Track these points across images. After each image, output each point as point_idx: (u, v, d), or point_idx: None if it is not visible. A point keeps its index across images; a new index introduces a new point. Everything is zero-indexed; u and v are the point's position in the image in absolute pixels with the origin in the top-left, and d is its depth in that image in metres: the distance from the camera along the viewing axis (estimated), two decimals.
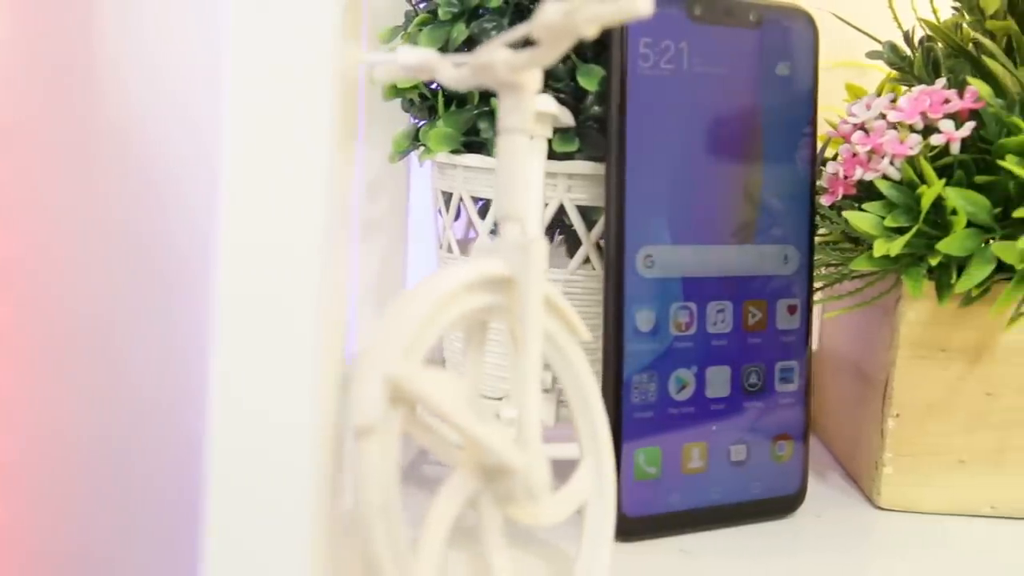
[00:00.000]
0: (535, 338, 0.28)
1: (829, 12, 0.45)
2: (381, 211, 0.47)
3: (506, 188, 0.29)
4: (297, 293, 0.21)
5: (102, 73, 0.56)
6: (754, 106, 0.38)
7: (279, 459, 0.21)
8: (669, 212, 0.37)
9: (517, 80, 0.28)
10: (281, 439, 0.21)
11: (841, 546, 0.38)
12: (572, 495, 0.30)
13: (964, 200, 0.37)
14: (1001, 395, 0.41)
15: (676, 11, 0.36)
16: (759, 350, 0.39)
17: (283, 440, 0.21)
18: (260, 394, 0.21)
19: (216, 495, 0.21)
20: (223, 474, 0.21)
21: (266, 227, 0.21)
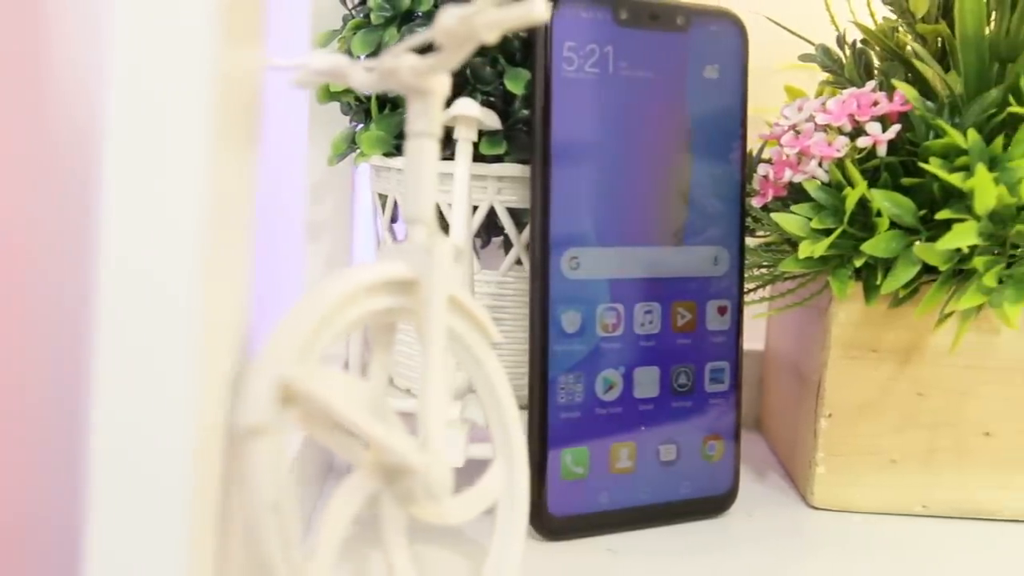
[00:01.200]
0: (438, 339, 0.28)
1: (763, 15, 0.45)
2: (326, 212, 0.48)
3: (413, 191, 0.29)
4: (173, 295, 0.22)
5: (61, 73, 0.56)
6: (681, 109, 0.38)
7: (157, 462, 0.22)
8: (595, 214, 0.37)
9: (423, 85, 0.29)
10: (158, 441, 0.22)
11: (768, 545, 0.39)
12: (482, 494, 0.30)
13: (889, 202, 0.38)
14: (931, 395, 0.41)
15: (601, 15, 0.37)
16: (689, 351, 0.39)
17: (160, 442, 0.22)
18: (137, 396, 0.22)
19: (96, 502, 0.22)
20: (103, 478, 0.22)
21: (142, 230, 0.22)
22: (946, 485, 0.41)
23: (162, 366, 0.22)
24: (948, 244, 0.35)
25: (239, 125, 0.25)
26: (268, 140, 0.51)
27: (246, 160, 0.26)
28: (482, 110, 0.36)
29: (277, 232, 0.52)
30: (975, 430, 0.41)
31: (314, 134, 0.47)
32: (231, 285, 0.25)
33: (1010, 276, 0.37)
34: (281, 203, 0.51)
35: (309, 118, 0.47)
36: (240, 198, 0.25)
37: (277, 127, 0.50)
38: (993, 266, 0.36)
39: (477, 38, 0.27)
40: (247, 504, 0.24)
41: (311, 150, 0.47)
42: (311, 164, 0.47)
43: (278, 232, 0.51)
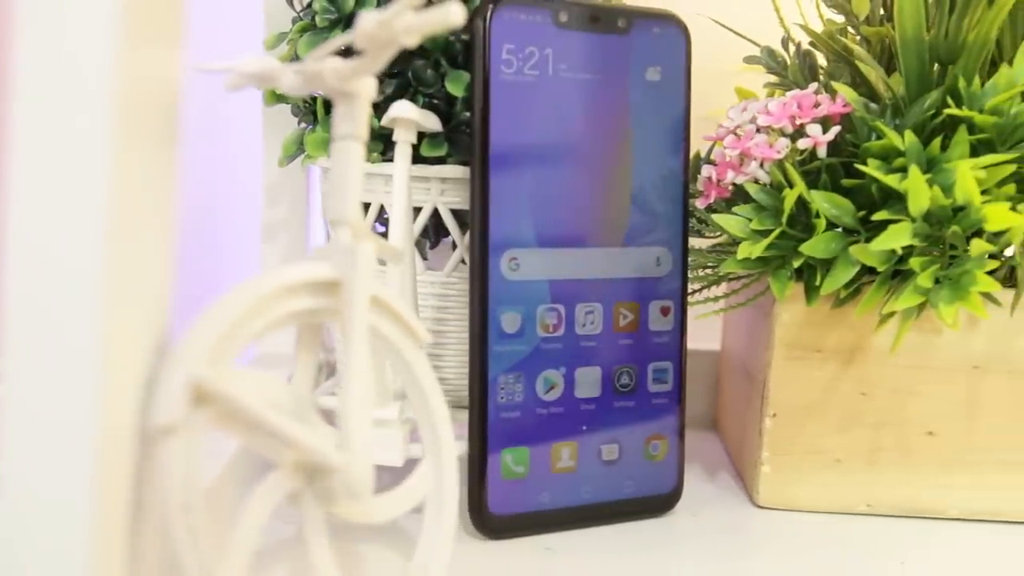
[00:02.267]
0: (359, 340, 0.28)
1: (709, 18, 0.45)
2: (282, 213, 0.48)
3: (337, 193, 0.29)
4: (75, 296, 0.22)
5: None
6: (623, 111, 0.39)
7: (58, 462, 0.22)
8: (535, 216, 0.37)
9: (347, 88, 0.29)
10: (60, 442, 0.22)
11: (710, 544, 0.39)
12: (409, 493, 0.31)
13: (828, 203, 0.38)
14: (875, 395, 0.41)
15: (540, 17, 0.37)
16: (631, 351, 0.40)
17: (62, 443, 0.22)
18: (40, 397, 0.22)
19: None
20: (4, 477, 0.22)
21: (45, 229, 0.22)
22: (890, 484, 0.42)
23: (64, 367, 0.22)
24: (882, 245, 0.36)
25: (150, 125, 0.25)
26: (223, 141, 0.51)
27: (161, 160, 0.26)
28: (420, 112, 0.37)
29: (233, 233, 0.52)
30: (918, 429, 0.41)
31: (269, 136, 0.47)
32: (145, 285, 0.25)
33: (947, 277, 0.37)
34: (236, 204, 0.52)
35: (263, 120, 0.47)
36: (154, 198, 0.25)
37: (232, 128, 0.50)
38: (929, 267, 0.36)
39: (397, 42, 0.27)
40: (158, 504, 0.24)
41: (266, 151, 0.47)
42: (266, 165, 0.48)
43: (234, 233, 0.51)
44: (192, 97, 0.30)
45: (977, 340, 0.41)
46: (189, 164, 0.50)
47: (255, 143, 0.47)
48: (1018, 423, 0.41)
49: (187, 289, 0.32)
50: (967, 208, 0.36)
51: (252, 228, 0.48)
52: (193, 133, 0.50)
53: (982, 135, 0.38)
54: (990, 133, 0.38)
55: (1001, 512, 0.42)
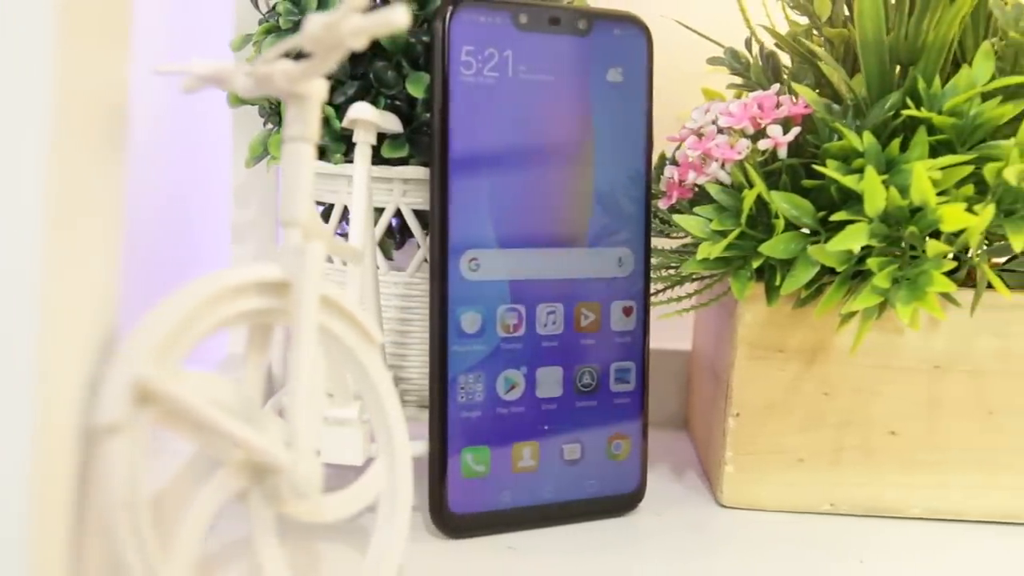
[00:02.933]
0: (306, 340, 0.28)
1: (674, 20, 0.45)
2: (251, 214, 0.48)
3: (288, 195, 0.29)
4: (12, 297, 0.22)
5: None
6: (584, 112, 0.39)
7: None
8: (495, 216, 0.37)
9: (298, 90, 0.29)
10: None
11: (672, 543, 0.39)
12: (362, 492, 0.31)
13: (787, 203, 0.38)
14: (837, 395, 0.41)
15: (500, 19, 0.37)
16: (593, 351, 0.40)
17: None
18: None
19: None
20: None
21: None
22: (853, 484, 0.42)
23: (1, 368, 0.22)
24: (839, 245, 0.36)
25: (93, 124, 0.25)
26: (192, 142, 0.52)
27: (105, 160, 0.26)
28: (380, 113, 0.37)
29: (202, 234, 0.52)
30: (881, 429, 0.41)
31: (238, 136, 0.47)
32: (88, 285, 0.25)
33: (905, 277, 0.37)
34: (206, 205, 0.52)
35: (232, 121, 0.48)
36: (98, 199, 0.26)
37: (201, 129, 0.50)
38: (886, 267, 0.37)
39: (345, 44, 0.27)
40: (101, 503, 0.25)
41: (235, 152, 0.48)
42: (235, 166, 0.48)
43: (203, 234, 0.52)
44: (168, 96, 0.30)
45: (938, 340, 0.41)
46: (162, 164, 0.50)
47: (224, 144, 0.48)
48: (979, 423, 0.41)
49: (159, 289, 0.32)
50: (924, 209, 0.36)
51: (221, 229, 0.48)
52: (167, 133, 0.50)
53: (941, 136, 0.38)
54: (949, 134, 0.38)
55: (963, 511, 0.42)
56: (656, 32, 0.45)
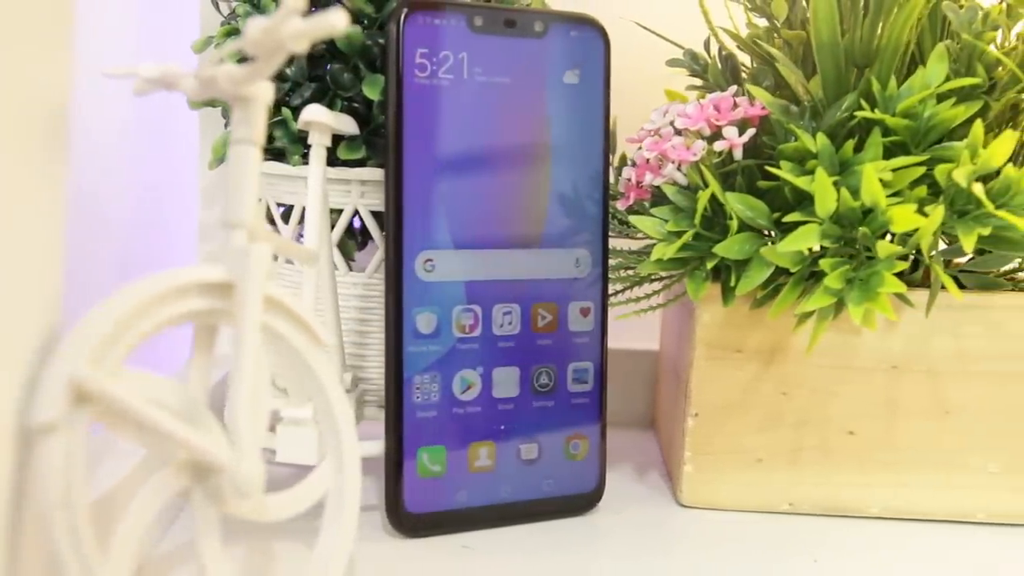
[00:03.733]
0: (249, 341, 0.29)
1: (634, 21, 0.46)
2: (217, 216, 0.48)
3: (234, 196, 0.30)
4: None
5: None
6: (540, 114, 0.39)
7: None
8: (451, 217, 0.38)
9: (243, 93, 0.29)
10: None
11: (629, 543, 0.39)
12: (308, 491, 0.31)
13: (742, 204, 0.38)
14: (795, 395, 0.42)
15: (454, 22, 0.37)
16: (550, 351, 0.40)
17: None
18: None
19: None
20: None
21: None
22: (811, 483, 0.42)
23: None
24: (790, 246, 0.36)
25: (30, 126, 0.25)
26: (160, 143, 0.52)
27: (45, 160, 0.26)
28: (334, 115, 0.37)
29: (170, 234, 0.52)
30: (839, 429, 0.42)
31: (205, 137, 0.48)
32: (26, 285, 0.25)
33: (858, 278, 0.37)
34: (173, 206, 0.52)
35: (200, 121, 0.48)
36: (37, 199, 0.26)
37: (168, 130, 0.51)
38: (838, 267, 0.37)
39: (286, 48, 0.27)
40: (39, 503, 0.25)
41: (201, 153, 0.48)
42: (202, 167, 0.48)
43: (171, 234, 0.52)
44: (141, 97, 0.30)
45: (895, 340, 0.41)
46: (135, 164, 0.50)
47: (191, 145, 0.48)
48: (936, 422, 0.41)
49: None
50: (875, 210, 0.36)
51: (189, 229, 0.48)
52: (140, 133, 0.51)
53: (895, 138, 0.38)
54: (903, 136, 0.38)
55: (920, 511, 0.42)
56: (623, 34, 0.45)
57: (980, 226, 0.37)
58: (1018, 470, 0.42)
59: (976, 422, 0.41)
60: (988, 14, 0.39)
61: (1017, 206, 0.37)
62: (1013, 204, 0.37)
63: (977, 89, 0.40)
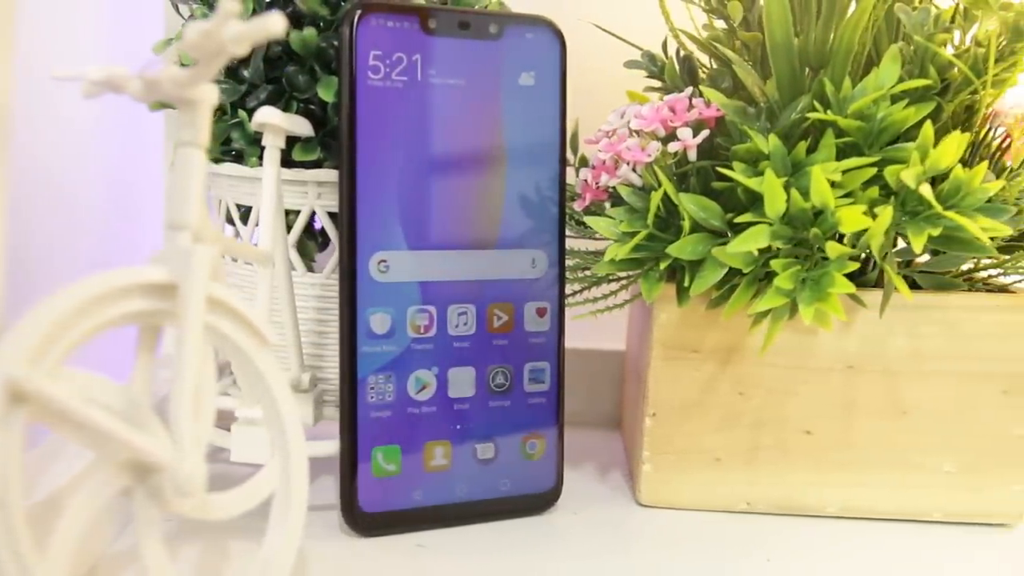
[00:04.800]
0: (191, 341, 0.29)
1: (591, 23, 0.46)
2: None
3: (178, 198, 0.30)
4: None
5: None
6: (495, 115, 0.39)
7: None
8: (405, 218, 0.38)
9: (187, 95, 0.30)
10: None
11: (584, 542, 0.39)
12: (254, 489, 0.31)
13: (695, 205, 0.39)
14: (753, 395, 0.42)
15: (408, 24, 0.38)
16: (506, 351, 0.40)
17: None
18: None
19: None
20: None
21: None
22: (769, 483, 0.42)
23: None
24: (739, 247, 0.36)
25: None
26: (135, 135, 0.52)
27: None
28: (287, 117, 0.37)
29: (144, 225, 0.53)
30: (796, 428, 0.42)
31: (170, 136, 0.48)
32: None
33: (810, 278, 0.38)
34: (139, 205, 0.52)
35: (165, 122, 0.48)
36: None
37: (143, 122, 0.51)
38: (789, 268, 0.37)
39: (226, 51, 0.28)
40: None
41: (167, 153, 0.48)
42: (168, 167, 0.48)
43: (136, 234, 0.52)
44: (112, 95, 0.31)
45: (852, 341, 0.41)
46: (107, 154, 0.50)
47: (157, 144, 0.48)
48: (893, 422, 0.42)
49: None
50: (825, 211, 0.37)
51: (154, 229, 0.49)
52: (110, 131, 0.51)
53: (848, 139, 0.39)
54: (856, 137, 0.39)
55: (877, 509, 0.42)
56: (588, 36, 0.45)
57: (931, 227, 0.37)
58: (974, 470, 0.42)
59: (932, 422, 0.42)
60: (939, 16, 0.39)
61: (967, 207, 0.37)
62: (963, 205, 0.37)
63: (930, 91, 0.40)
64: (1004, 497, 0.42)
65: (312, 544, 0.38)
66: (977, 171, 0.37)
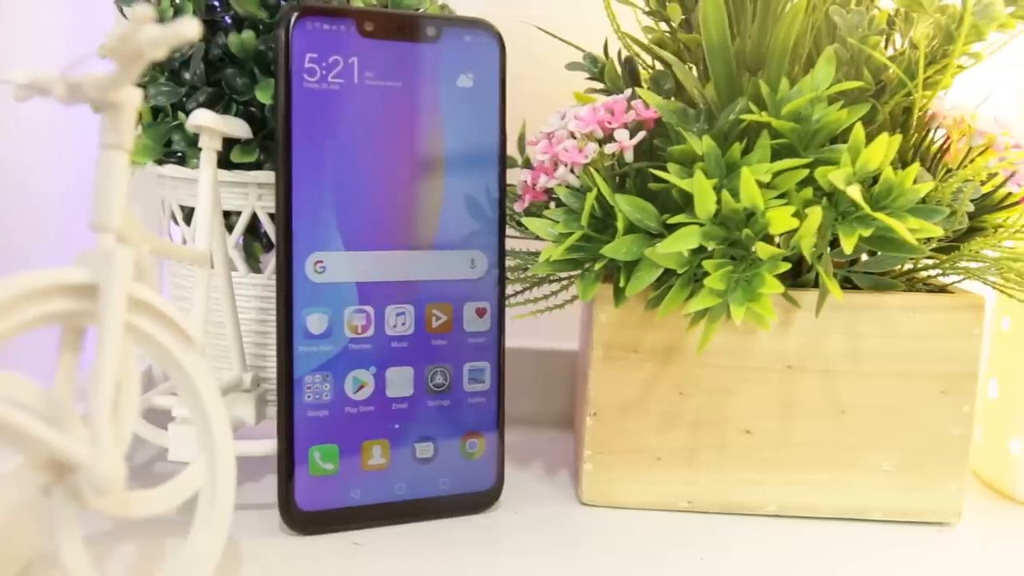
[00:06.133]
0: (110, 340, 0.29)
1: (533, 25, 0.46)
2: (137, 214, 0.49)
3: (101, 200, 0.30)
4: None
5: None
6: (433, 117, 0.40)
7: None
8: (342, 220, 0.38)
9: (109, 99, 0.30)
10: None
11: (522, 541, 0.40)
12: (178, 488, 0.32)
13: (630, 206, 0.39)
14: (692, 395, 0.42)
15: (345, 27, 0.38)
16: (445, 351, 0.41)
17: None
18: None
19: None
20: None
21: None
22: (709, 482, 0.43)
23: None
24: (669, 247, 0.37)
25: None
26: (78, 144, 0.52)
27: None
28: (222, 119, 0.38)
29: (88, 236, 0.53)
30: (736, 428, 0.42)
31: None
32: None
33: (743, 279, 0.38)
34: None
35: None
36: None
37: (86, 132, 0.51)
38: (721, 268, 0.37)
39: (145, 55, 0.28)
40: None
41: None
42: None
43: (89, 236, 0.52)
44: None
45: (790, 341, 0.42)
46: (70, 138, 0.50)
47: None
48: (830, 420, 0.42)
49: None
50: (756, 212, 0.37)
51: None
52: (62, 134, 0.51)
53: (784, 140, 0.39)
54: (791, 138, 0.39)
55: (816, 508, 0.43)
56: (541, 38, 0.46)
57: (862, 227, 0.37)
58: (912, 469, 0.42)
59: (871, 421, 0.42)
60: (873, 19, 0.39)
61: (899, 208, 0.38)
62: (895, 206, 0.38)
63: (865, 93, 0.40)
64: (942, 496, 0.42)
65: (250, 542, 0.38)
66: (909, 172, 0.37)
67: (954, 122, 0.42)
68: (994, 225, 0.43)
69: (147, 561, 0.37)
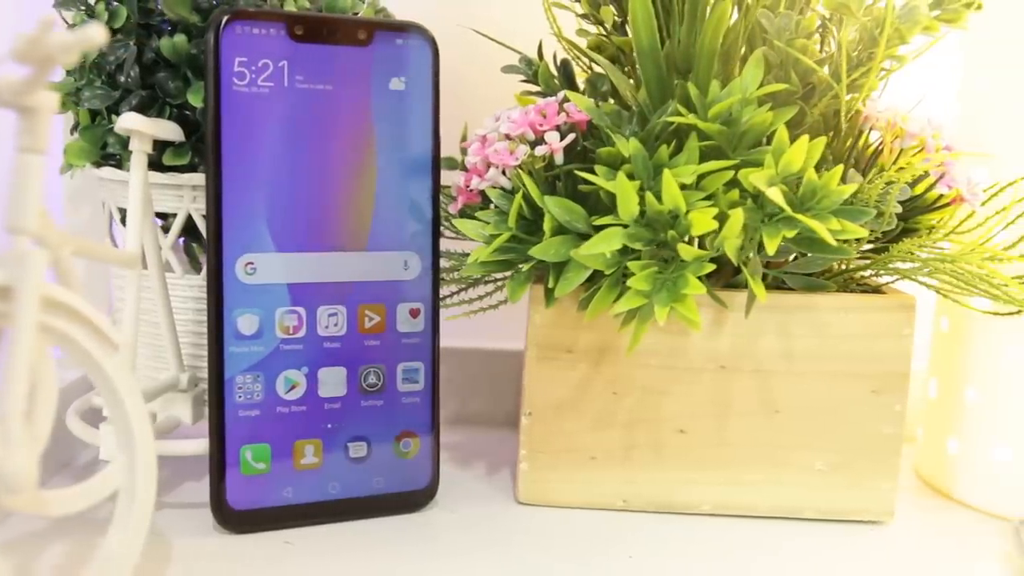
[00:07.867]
0: (23, 341, 0.29)
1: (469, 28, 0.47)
2: (82, 219, 0.49)
3: (17, 203, 0.31)
4: None
5: None
6: (364, 120, 0.40)
7: None
8: (272, 221, 0.39)
9: (24, 103, 0.30)
10: None
11: (455, 540, 0.40)
12: (93, 488, 0.32)
13: (560, 208, 0.39)
14: (627, 394, 0.42)
15: (275, 30, 0.38)
16: (378, 352, 0.41)
17: None
18: None
19: None
20: None
21: None
22: (644, 481, 0.43)
23: None
24: (593, 248, 0.37)
25: None
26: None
27: None
28: (152, 122, 0.38)
29: None
30: (670, 427, 0.43)
31: None
32: None
33: (668, 279, 0.38)
34: None
35: (64, 125, 0.49)
36: None
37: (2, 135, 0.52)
38: (646, 269, 0.38)
39: (55, 59, 0.28)
40: None
41: None
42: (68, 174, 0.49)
43: None
44: None
45: (723, 341, 0.42)
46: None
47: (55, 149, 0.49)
48: (764, 419, 0.42)
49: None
50: (679, 214, 0.37)
51: None
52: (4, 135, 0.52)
53: (712, 142, 0.39)
54: (719, 140, 0.39)
55: (750, 506, 0.43)
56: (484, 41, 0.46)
57: (786, 229, 0.38)
58: (844, 468, 0.42)
59: (804, 421, 0.42)
60: (800, 22, 0.40)
61: (823, 209, 0.38)
62: (819, 208, 0.38)
63: (792, 95, 0.40)
64: (875, 495, 0.43)
65: (181, 541, 0.39)
66: (834, 173, 0.38)
67: (887, 124, 0.43)
68: (927, 226, 0.43)
69: (75, 562, 0.37)
